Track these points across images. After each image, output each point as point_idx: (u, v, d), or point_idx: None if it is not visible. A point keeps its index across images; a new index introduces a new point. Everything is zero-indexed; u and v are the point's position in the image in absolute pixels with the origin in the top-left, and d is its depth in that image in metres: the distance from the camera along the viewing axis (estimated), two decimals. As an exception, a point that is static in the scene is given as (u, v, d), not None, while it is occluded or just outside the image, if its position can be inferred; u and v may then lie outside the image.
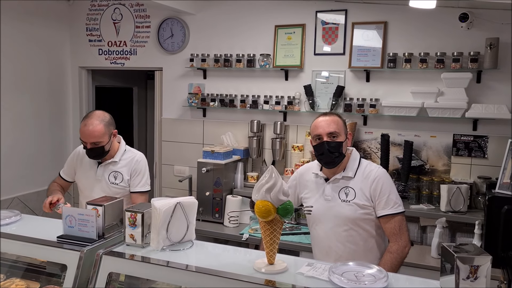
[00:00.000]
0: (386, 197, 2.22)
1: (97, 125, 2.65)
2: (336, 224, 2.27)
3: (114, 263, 1.63)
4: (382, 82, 3.62)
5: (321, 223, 2.32)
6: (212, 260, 1.63)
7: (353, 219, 2.24)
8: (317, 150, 2.25)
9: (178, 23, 4.27)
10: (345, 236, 2.26)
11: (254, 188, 1.54)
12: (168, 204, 1.69)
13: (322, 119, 2.28)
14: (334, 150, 2.21)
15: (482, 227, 2.93)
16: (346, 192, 2.26)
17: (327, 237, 2.30)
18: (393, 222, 2.22)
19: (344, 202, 2.25)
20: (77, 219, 1.75)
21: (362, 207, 2.23)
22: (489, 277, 1.30)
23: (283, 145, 3.86)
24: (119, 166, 2.82)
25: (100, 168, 2.81)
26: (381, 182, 2.24)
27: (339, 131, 2.23)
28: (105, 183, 2.79)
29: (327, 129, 2.23)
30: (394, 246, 2.20)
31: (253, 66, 3.97)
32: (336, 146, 2.21)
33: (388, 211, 2.21)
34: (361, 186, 2.25)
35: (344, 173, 2.29)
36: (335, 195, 2.28)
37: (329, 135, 2.22)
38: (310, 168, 2.45)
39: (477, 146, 3.36)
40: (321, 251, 2.36)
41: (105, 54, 4.67)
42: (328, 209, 2.28)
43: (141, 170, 2.87)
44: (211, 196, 3.71)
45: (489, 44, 3.17)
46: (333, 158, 2.23)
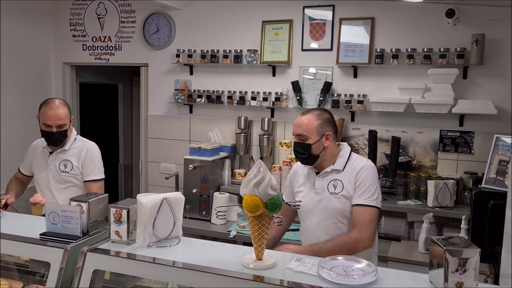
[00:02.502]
0: (365, 188, 2.24)
1: (62, 107, 2.74)
2: (325, 217, 2.30)
3: (99, 260, 1.59)
4: (370, 78, 3.62)
5: (311, 216, 2.35)
6: (199, 256, 1.60)
7: (340, 211, 2.26)
8: (294, 149, 2.37)
9: (164, 18, 4.22)
10: (333, 229, 2.28)
11: (242, 183, 1.52)
12: (154, 200, 1.65)
13: (298, 119, 2.34)
14: (301, 151, 2.29)
15: (468, 222, 2.95)
16: (335, 185, 2.29)
17: (316, 230, 2.33)
18: (364, 212, 2.21)
19: (332, 194, 2.28)
20: (60, 216, 1.71)
21: (349, 199, 2.26)
22: (477, 270, 1.30)
23: (271, 141, 3.84)
24: (69, 154, 2.85)
25: (51, 157, 2.85)
26: (365, 173, 2.27)
27: (308, 134, 2.27)
28: (56, 172, 2.83)
29: (296, 130, 2.31)
30: (356, 234, 2.17)
31: (240, 62, 3.94)
32: (303, 147, 2.28)
33: (363, 201, 2.22)
34: (348, 179, 2.28)
35: (334, 166, 2.32)
36: (324, 188, 2.31)
37: (297, 136, 2.30)
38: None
39: (463, 141, 3.38)
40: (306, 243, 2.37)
41: (89, 49, 4.60)
42: (317, 202, 2.31)
43: (93, 159, 2.90)
44: (198, 193, 3.67)
45: (475, 40, 3.19)
46: (302, 158, 2.32)
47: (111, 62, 4.54)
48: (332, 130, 2.33)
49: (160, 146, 4.36)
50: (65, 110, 2.75)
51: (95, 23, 4.54)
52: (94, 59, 4.59)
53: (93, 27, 4.55)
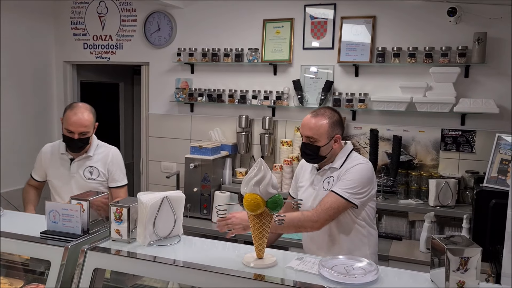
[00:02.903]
0: (345, 180, 2.23)
1: (88, 114, 2.63)
2: None
3: (99, 259, 1.59)
4: (371, 77, 3.61)
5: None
6: (200, 255, 1.60)
7: None
8: (301, 149, 2.40)
9: (165, 17, 4.21)
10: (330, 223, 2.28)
11: (243, 181, 1.52)
12: (155, 199, 1.65)
13: (307, 120, 2.33)
14: (310, 152, 2.32)
15: (470, 221, 2.94)
16: (329, 181, 2.32)
17: None
18: (329, 197, 2.21)
19: (325, 191, 2.31)
20: (61, 214, 1.71)
21: None
22: (479, 269, 1.29)
23: (272, 140, 3.84)
24: (93, 160, 2.76)
25: (74, 165, 2.74)
26: (353, 170, 2.26)
27: (318, 137, 2.28)
28: (81, 179, 2.72)
29: (306, 132, 2.32)
30: (309, 213, 2.18)
31: (241, 61, 3.93)
32: (312, 149, 2.31)
33: (335, 189, 2.21)
34: (338, 177, 2.30)
35: (332, 164, 2.36)
36: (320, 184, 2.36)
37: (307, 138, 2.32)
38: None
39: (465, 140, 3.37)
40: (305, 240, 2.49)
41: (90, 48, 4.59)
42: (312, 197, 2.36)
43: (119, 164, 2.84)
44: (199, 192, 3.67)
45: (477, 38, 3.17)
46: (309, 159, 2.36)
47: (112, 61, 4.54)
48: (340, 131, 2.35)
49: (161, 145, 4.36)
50: (90, 117, 2.64)
51: (96, 21, 4.53)
52: (95, 57, 4.59)
53: (94, 25, 4.55)
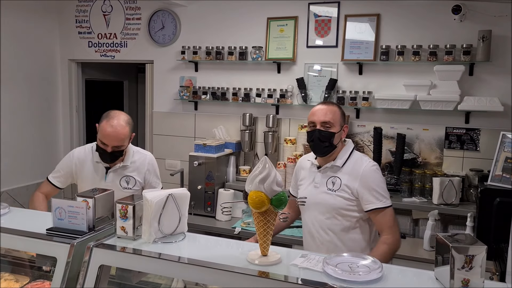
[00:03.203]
0: (374, 192, 2.22)
1: (124, 127, 2.46)
2: (320, 212, 2.31)
3: (105, 256, 1.60)
4: (375, 75, 3.61)
5: (308, 210, 2.37)
6: (205, 252, 1.60)
7: (335, 209, 2.27)
8: (309, 137, 2.29)
9: (169, 15, 4.22)
10: (327, 224, 2.30)
11: (248, 179, 1.52)
12: (160, 196, 1.66)
13: (320, 107, 2.30)
14: (324, 139, 2.24)
15: (474, 220, 2.94)
16: (333, 181, 2.28)
17: (312, 223, 2.36)
18: (385, 215, 2.23)
19: (330, 191, 2.28)
20: (67, 211, 1.72)
21: (345, 199, 2.25)
22: (484, 267, 1.29)
23: (276, 138, 3.84)
24: (130, 169, 2.63)
25: (110, 174, 2.61)
26: (368, 178, 2.24)
27: (334, 122, 2.25)
28: (117, 189, 2.47)
29: (322, 117, 2.25)
30: (390, 238, 2.20)
31: (245, 59, 3.94)
32: (327, 135, 2.24)
33: (377, 205, 2.22)
34: (347, 179, 2.26)
35: (334, 162, 2.31)
36: (323, 183, 2.31)
37: (323, 124, 2.24)
38: (308, 156, 2.49)
39: (469, 138, 3.37)
40: (306, 238, 2.43)
41: (95, 46, 4.61)
42: (314, 196, 2.32)
43: (155, 171, 2.74)
44: (203, 190, 3.68)
45: (481, 36, 3.17)
46: (323, 147, 2.26)
47: (117, 59, 4.55)
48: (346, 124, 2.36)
49: (165, 143, 4.37)
50: (126, 131, 2.47)
51: (101, 20, 4.55)
52: (100, 56, 4.61)
53: (98, 24, 4.56)
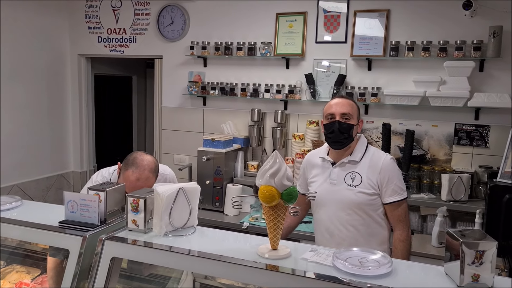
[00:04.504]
0: (394, 185, 2.25)
1: (151, 178, 2.32)
2: (340, 208, 2.28)
3: (116, 248, 1.61)
4: (384, 70, 3.60)
5: (325, 207, 2.34)
6: (215, 245, 1.62)
7: (357, 204, 2.25)
8: (328, 129, 2.28)
9: (178, 11, 4.23)
10: (348, 220, 2.27)
11: (258, 173, 1.53)
12: (171, 190, 1.67)
13: (338, 100, 2.32)
14: (344, 131, 2.24)
15: (483, 216, 2.93)
16: (352, 177, 2.27)
17: (330, 220, 2.32)
18: (399, 209, 2.26)
19: (350, 186, 2.26)
20: (79, 204, 1.74)
21: (367, 194, 2.25)
22: (494, 262, 1.30)
23: (284, 134, 3.85)
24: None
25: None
26: (389, 170, 2.26)
27: (352, 114, 2.26)
28: None
29: (341, 109, 2.26)
30: (404, 234, 2.24)
31: (254, 54, 3.94)
32: (347, 127, 2.24)
33: (395, 197, 2.25)
34: (367, 173, 2.26)
35: (351, 157, 2.29)
36: (341, 179, 2.29)
37: (342, 115, 2.25)
38: (317, 152, 2.47)
39: (478, 135, 3.35)
40: (323, 235, 2.37)
41: (105, 41, 4.63)
42: (332, 193, 2.30)
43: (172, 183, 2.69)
44: (211, 185, 3.70)
45: (492, 32, 3.14)
46: (342, 138, 2.25)
47: (126, 54, 4.57)
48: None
49: (174, 138, 4.39)
50: (153, 181, 2.34)
51: (110, 15, 4.57)
52: (109, 51, 4.63)
53: (108, 19, 4.58)
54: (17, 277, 2.13)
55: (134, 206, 1.69)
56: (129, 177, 2.28)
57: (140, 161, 2.31)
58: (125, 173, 2.30)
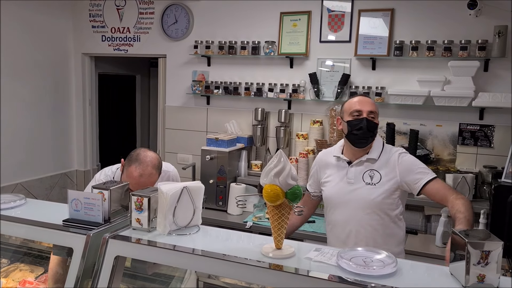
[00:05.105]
0: (417, 169, 2.18)
1: (154, 175, 2.33)
2: (358, 208, 2.22)
3: (120, 247, 1.61)
4: (388, 70, 3.58)
5: (341, 207, 2.27)
6: (219, 244, 1.61)
7: (377, 203, 2.19)
8: (353, 125, 2.20)
9: (182, 10, 4.23)
10: (367, 220, 2.21)
11: (263, 172, 1.52)
12: (175, 189, 1.67)
13: (362, 98, 2.27)
14: (372, 129, 2.20)
15: (487, 217, 2.92)
16: (371, 175, 2.21)
17: (347, 221, 2.25)
18: (437, 185, 2.15)
19: (369, 185, 2.21)
20: (83, 203, 1.74)
21: (388, 191, 2.19)
22: (500, 263, 1.29)
23: (288, 133, 3.84)
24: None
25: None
26: (406, 161, 2.21)
27: (377, 113, 2.25)
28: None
29: (368, 107, 2.21)
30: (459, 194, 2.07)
31: (257, 54, 3.94)
32: (374, 125, 2.21)
33: (426, 178, 2.15)
34: (386, 170, 2.21)
35: (369, 155, 2.24)
36: (358, 178, 2.23)
37: (369, 113, 2.21)
38: (330, 151, 2.40)
39: (483, 135, 3.34)
40: (339, 237, 2.30)
41: (108, 40, 4.64)
42: (349, 193, 2.24)
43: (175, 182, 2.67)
44: (215, 184, 3.70)
45: (497, 32, 3.13)
46: (368, 136, 2.20)
47: (130, 53, 4.58)
48: None
49: (177, 137, 4.39)
50: (155, 179, 2.35)
51: (114, 14, 4.57)
52: (113, 50, 4.63)
53: (112, 18, 4.59)
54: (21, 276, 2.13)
55: (138, 205, 1.69)
56: (132, 173, 2.28)
57: (143, 157, 2.31)
58: (129, 169, 2.30)
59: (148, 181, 2.29)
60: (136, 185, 2.27)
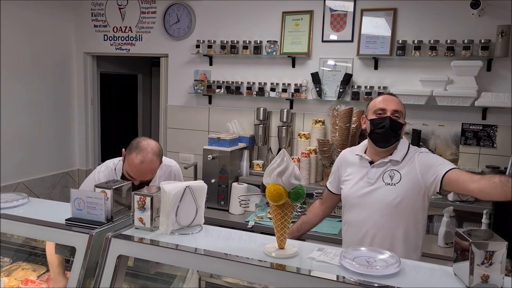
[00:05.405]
0: (438, 162, 2.09)
1: (155, 162, 2.33)
2: (376, 209, 2.14)
3: (123, 246, 1.61)
4: (391, 70, 3.58)
5: (358, 207, 2.21)
6: (221, 244, 1.61)
7: (396, 204, 2.11)
8: (376, 124, 2.13)
9: (184, 9, 4.23)
10: (384, 222, 2.13)
11: (266, 172, 1.52)
12: (178, 188, 1.67)
13: (388, 96, 2.21)
14: (395, 128, 2.12)
15: (490, 217, 2.92)
16: (391, 175, 2.14)
17: (363, 222, 2.18)
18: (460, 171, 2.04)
19: (389, 185, 2.13)
20: (85, 202, 1.74)
21: (407, 192, 2.10)
22: (504, 263, 1.28)
23: (289, 133, 3.84)
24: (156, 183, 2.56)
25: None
26: (425, 158, 2.13)
27: (403, 113, 2.17)
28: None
29: (393, 106, 2.14)
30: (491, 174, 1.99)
31: (259, 53, 3.93)
32: (398, 125, 2.13)
33: (447, 167, 2.05)
34: (406, 169, 2.13)
35: (392, 156, 2.16)
36: (379, 178, 2.16)
37: (394, 112, 2.13)
38: (354, 150, 2.34)
39: (486, 135, 3.33)
40: (354, 238, 2.22)
41: (111, 40, 4.63)
42: (368, 193, 2.17)
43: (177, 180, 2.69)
44: (216, 184, 3.70)
45: (500, 31, 3.12)
46: (391, 136, 2.12)
47: (132, 52, 4.57)
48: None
49: (179, 136, 4.39)
50: (156, 166, 2.36)
51: (116, 13, 4.57)
52: (115, 49, 4.63)
53: (114, 17, 4.59)
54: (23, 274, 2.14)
55: (141, 204, 1.69)
56: (133, 160, 2.28)
57: (144, 145, 2.33)
58: (129, 157, 2.30)
59: (149, 167, 2.30)
60: (137, 172, 2.29)
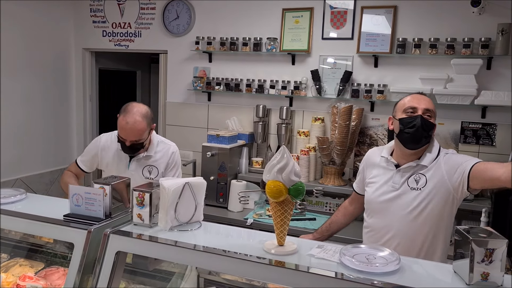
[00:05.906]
0: (463, 160, 1.98)
1: (140, 122, 2.44)
2: (401, 216, 2.05)
3: (121, 242, 1.60)
4: (391, 67, 3.57)
5: (381, 213, 2.12)
6: (220, 240, 1.61)
7: (420, 210, 2.01)
8: (406, 123, 2.01)
9: (184, 5, 4.21)
10: (408, 229, 2.04)
11: (265, 168, 1.51)
12: (177, 184, 1.66)
13: (419, 95, 2.11)
14: (427, 128, 1.99)
15: (489, 215, 2.91)
16: (416, 179, 2.03)
17: (386, 229, 2.10)
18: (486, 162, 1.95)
19: (414, 190, 2.02)
20: (84, 198, 1.73)
21: (433, 197, 2.00)
22: (504, 261, 1.28)
23: (289, 130, 3.83)
24: (153, 159, 2.65)
25: (133, 163, 2.64)
26: (450, 160, 2.02)
27: (434, 113, 2.06)
28: (139, 178, 2.57)
29: (425, 105, 2.03)
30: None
31: (259, 50, 3.92)
32: (430, 125, 2.00)
33: (473, 161, 1.95)
34: (432, 173, 2.02)
35: (420, 161, 2.04)
36: (403, 183, 2.06)
37: (426, 111, 2.02)
38: (379, 151, 2.23)
39: (485, 133, 3.33)
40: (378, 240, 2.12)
41: (109, 36, 4.62)
42: (392, 199, 2.07)
43: (176, 163, 2.74)
44: (215, 181, 3.69)
45: (500, 30, 3.12)
46: (422, 137, 1.99)
47: (131, 48, 4.56)
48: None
49: (178, 133, 4.38)
50: (143, 126, 2.45)
51: (115, 9, 4.55)
52: (114, 45, 4.61)
53: (113, 13, 4.57)
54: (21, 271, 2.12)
55: (140, 200, 1.68)
56: (120, 122, 2.45)
57: (131, 107, 2.49)
58: (118, 120, 2.47)
59: (134, 128, 2.43)
60: (124, 132, 2.44)
